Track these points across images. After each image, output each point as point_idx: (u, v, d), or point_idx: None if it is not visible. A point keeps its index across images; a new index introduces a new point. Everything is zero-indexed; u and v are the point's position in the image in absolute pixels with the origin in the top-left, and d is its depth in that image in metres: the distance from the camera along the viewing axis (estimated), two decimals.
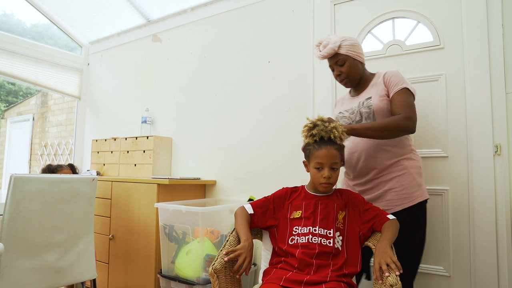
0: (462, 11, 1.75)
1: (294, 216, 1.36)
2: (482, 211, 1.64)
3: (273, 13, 2.36)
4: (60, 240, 1.74)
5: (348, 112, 1.58)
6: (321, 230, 1.29)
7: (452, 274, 1.71)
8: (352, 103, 1.60)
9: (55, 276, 1.71)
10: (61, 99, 5.42)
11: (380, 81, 1.53)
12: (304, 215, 1.35)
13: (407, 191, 1.45)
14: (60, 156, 4.89)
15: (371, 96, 1.52)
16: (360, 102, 1.54)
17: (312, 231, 1.29)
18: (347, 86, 1.61)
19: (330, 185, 1.34)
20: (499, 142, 1.63)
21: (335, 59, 1.54)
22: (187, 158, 2.70)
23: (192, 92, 2.72)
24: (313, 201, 1.37)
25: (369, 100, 1.51)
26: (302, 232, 1.30)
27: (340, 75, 1.56)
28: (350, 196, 1.41)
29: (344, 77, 1.56)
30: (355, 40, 1.55)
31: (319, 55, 1.56)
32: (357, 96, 1.61)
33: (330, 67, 1.59)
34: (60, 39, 3.58)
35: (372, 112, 1.49)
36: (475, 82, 1.69)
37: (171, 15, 2.90)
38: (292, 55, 2.25)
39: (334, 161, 1.32)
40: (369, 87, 1.57)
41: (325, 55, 1.53)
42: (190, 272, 1.91)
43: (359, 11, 2.04)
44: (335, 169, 1.33)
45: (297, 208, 1.38)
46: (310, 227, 1.30)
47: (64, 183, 1.77)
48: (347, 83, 1.59)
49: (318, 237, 1.28)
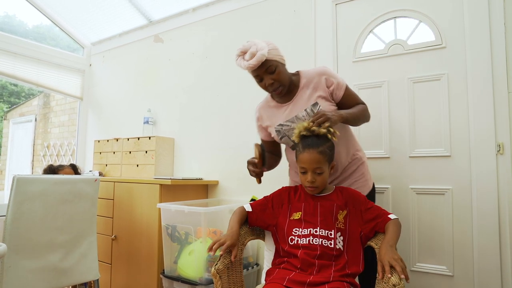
0: (464, 10, 1.74)
1: (294, 217, 1.35)
2: (485, 210, 1.64)
3: (274, 14, 2.36)
4: (63, 240, 1.75)
5: (295, 122, 1.45)
6: (322, 231, 1.28)
7: (455, 274, 1.71)
8: (292, 111, 1.47)
9: (58, 276, 1.71)
10: (63, 100, 5.43)
11: (319, 81, 1.44)
12: (304, 217, 1.33)
13: (365, 178, 1.54)
14: (62, 157, 4.90)
15: (316, 102, 1.43)
16: (307, 110, 1.44)
17: (313, 233, 1.27)
18: (281, 94, 1.47)
19: (316, 188, 1.32)
20: (502, 141, 1.62)
21: (264, 67, 1.38)
22: (189, 159, 2.70)
23: (194, 93, 2.72)
24: (313, 203, 1.35)
25: (318, 106, 1.42)
26: (302, 234, 1.29)
27: (273, 83, 1.41)
28: (351, 194, 1.38)
29: (277, 85, 1.41)
30: (273, 43, 1.43)
31: (246, 66, 1.36)
32: (289, 102, 1.49)
33: (257, 77, 1.42)
34: (62, 40, 3.59)
35: None
36: (477, 81, 1.68)
37: (173, 16, 2.90)
38: (294, 55, 2.25)
39: (317, 166, 1.28)
40: (303, 88, 1.47)
41: (256, 64, 1.35)
42: (192, 273, 1.91)
43: (360, 10, 2.03)
44: (319, 173, 1.29)
45: (296, 210, 1.36)
46: (311, 229, 1.28)
47: (66, 184, 1.77)
48: (282, 91, 1.44)
49: (319, 239, 1.26)
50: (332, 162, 1.34)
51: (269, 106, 1.57)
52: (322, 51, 2.13)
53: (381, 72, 1.94)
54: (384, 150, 1.90)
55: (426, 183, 1.80)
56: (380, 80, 1.94)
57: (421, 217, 1.80)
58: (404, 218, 1.83)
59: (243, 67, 1.38)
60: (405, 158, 1.85)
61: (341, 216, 1.32)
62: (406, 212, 1.83)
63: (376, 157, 1.92)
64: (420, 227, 1.80)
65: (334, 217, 1.31)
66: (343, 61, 2.07)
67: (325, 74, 1.46)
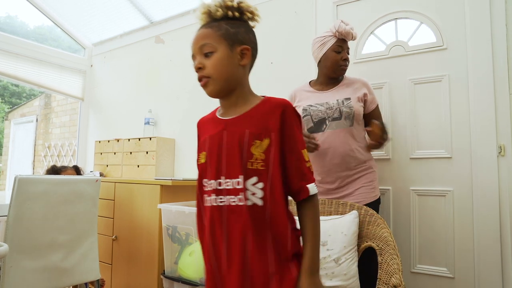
0: (465, 12, 1.74)
1: (201, 160, 0.90)
2: (486, 212, 1.64)
3: (275, 14, 2.37)
4: (64, 240, 1.75)
5: (324, 107, 1.59)
6: (227, 182, 0.83)
7: (456, 276, 1.70)
8: (325, 98, 1.61)
9: (59, 276, 1.71)
10: (64, 101, 5.45)
11: (360, 87, 1.60)
12: (209, 159, 0.87)
13: (373, 186, 1.59)
14: (63, 158, 4.91)
15: (349, 97, 1.57)
16: (339, 100, 1.57)
17: (217, 186, 0.84)
18: (340, 74, 1.64)
19: (208, 81, 0.88)
20: (503, 143, 1.62)
21: (347, 44, 1.60)
22: (190, 159, 2.70)
23: (195, 93, 2.72)
24: (217, 132, 0.88)
25: (349, 101, 1.56)
26: (209, 189, 0.86)
27: (346, 60, 1.60)
28: (286, 113, 0.85)
29: (345, 64, 1.61)
30: None
31: (347, 30, 1.54)
32: (328, 90, 1.63)
33: (339, 47, 1.58)
34: (64, 41, 3.60)
35: (353, 114, 1.55)
36: (479, 83, 1.68)
37: (174, 17, 2.91)
38: (295, 56, 2.25)
39: (203, 42, 0.87)
40: (342, 85, 1.62)
41: (355, 37, 1.58)
42: (193, 273, 1.91)
43: (361, 12, 2.04)
44: (209, 54, 0.86)
45: (202, 147, 0.92)
46: (213, 181, 0.85)
47: (67, 184, 1.78)
48: (343, 70, 1.62)
49: (225, 196, 0.83)
50: (242, 45, 0.89)
51: (305, 91, 1.70)
52: None
53: (382, 74, 1.94)
54: (385, 151, 1.90)
55: (427, 184, 1.80)
56: (381, 82, 1.94)
57: (422, 219, 1.80)
58: (405, 220, 1.83)
59: (341, 29, 1.54)
60: (406, 160, 1.85)
61: (258, 150, 0.82)
62: (407, 213, 1.83)
63: (377, 158, 1.92)
64: (421, 228, 1.80)
65: (244, 151, 0.82)
66: None
67: (367, 86, 1.63)
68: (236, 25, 0.90)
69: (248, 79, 0.96)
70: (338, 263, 1.37)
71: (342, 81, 1.65)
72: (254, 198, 0.81)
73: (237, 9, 0.90)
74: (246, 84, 0.95)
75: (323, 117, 1.58)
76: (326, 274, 1.38)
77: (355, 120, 1.56)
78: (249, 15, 0.92)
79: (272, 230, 0.82)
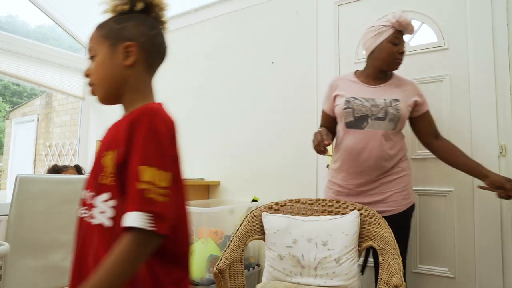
0: (466, 12, 1.74)
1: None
2: (486, 212, 1.64)
3: (276, 14, 2.37)
4: (65, 240, 1.75)
5: (369, 103, 1.47)
6: (88, 194, 0.75)
7: (457, 276, 1.70)
8: (372, 93, 1.50)
9: (60, 276, 1.72)
10: (65, 100, 5.45)
11: (411, 90, 1.50)
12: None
13: (407, 191, 1.50)
14: (64, 157, 4.91)
15: (398, 99, 1.47)
16: (386, 100, 1.47)
17: (83, 197, 0.77)
18: (394, 68, 1.52)
19: (93, 86, 0.82)
20: (504, 143, 1.62)
21: (403, 37, 1.49)
22: (190, 159, 2.70)
23: (196, 93, 2.72)
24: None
25: (398, 103, 1.46)
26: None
27: (402, 53, 1.49)
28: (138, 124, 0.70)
29: (402, 59, 1.50)
30: None
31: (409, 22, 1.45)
32: (375, 86, 1.52)
33: (396, 38, 1.46)
34: (65, 40, 3.60)
35: (398, 118, 1.45)
36: (480, 83, 1.68)
37: (175, 16, 2.91)
38: (296, 56, 2.25)
39: (90, 46, 0.82)
40: (391, 84, 1.52)
41: (412, 29, 1.48)
42: (194, 273, 1.91)
43: (362, 12, 2.03)
44: (92, 59, 0.80)
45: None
46: (85, 189, 0.77)
47: (69, 184, 1.78)
48: (398, 64, 1.50)
49: (83, 208, 0.75)
50: (123, 42, 0.76)
51: (348, 80, 1.58)
52: (324, 51, 2.13)
53: None
54: None
55: (428, 184, 1.79)
56: None
57: (423, 219, 1.80)
58: None
59: (402, 19, 1.43)
60: None
61: (108, 162, 0.70)
62: None
63: None
64: (422, 228, 1.80)
65: (97, 164, 0.74)
66: (345, 62, 2.07)
67: (418, 90, 1.52)
68: (124, 20, 0.78)
69: (144, 81, 0.82)
70: (339, 263, 1.37)
71: (391, 79, 1.54)
72: (102, 216, 0.68)
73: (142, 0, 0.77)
74: (138, 87, 0.80)
75: (366, 114, 1.46)
76: (327, 274, 1.38)
77: (399, 123, 1.47)
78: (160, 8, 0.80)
79: None
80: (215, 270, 1.24)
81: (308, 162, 2.12)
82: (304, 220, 1.52)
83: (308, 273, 1.40)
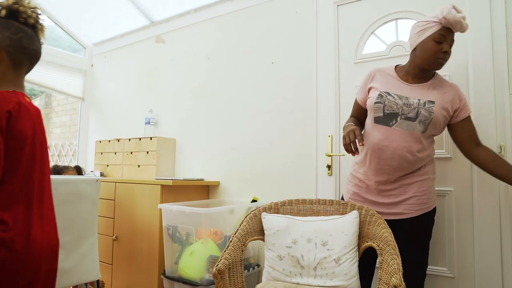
0: (465, 11, 1.74)
1: None
2: (486, 212, 1.64)
3: (276, 14, 2.37)
4: (64, 241, 1.75)
5: (402, 101, 1.41)
6: None
7: (456, 275, 1.70)
8: (407, 92, 1.43)
9: (59, 276, 1.71)
10: (64, 100, 5.44)
11: (450, 94, 1.41)
12: None
13: (427, 196, 1.45)
14: (64, 157, 4.91)
15: (434, 101, 1.39)
16: (421, 101, 1.39)
17: None
18: (436, 68, 1.42)
19: None
20: (503, 143, 1.62)
21: (452, 35, 1.37)
22: (190, 159, 2.71)
23: (196, 93, 2.72)
24: None
25: (432, 105, 1.38)
26: None
27: (446, 53, 1.37)
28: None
29: (446, 58, 1.38)
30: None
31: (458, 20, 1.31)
32: (413, 84, 1.45)
33: (441, 37, 1.35)
34: (64, 40, 3.59)
35: (430, 120, 1.37)
36: (479, 83, 1.68)
37: (175, 17, 2.91)
38: (296, 56, 2.26)
39: None
40: (430, 85, 1.44)
41: (465, 28, 1.34)
42: (193, 273, 1.91)
43: (362, 12, 2.04)
44: None
45: None
46: None
47: (68, 184, 1.78)
48: (441, 65, 1.40)
49: None
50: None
51: (388, 74, 1.51)
52: (323, 51, 2.13)
53: None
54: None
55: None
56: None
57: None
58: None
59: (449, 16, 1.31)
60: None
61: None
62: None
63: None
64: None
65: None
66: (344, 62, 2.07)
67: (459, 94, 1.42)
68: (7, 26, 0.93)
69: (4, 75, 0.95)
70: (339, 263, 1.37)
71: (432, 79, 1.45)
72: None
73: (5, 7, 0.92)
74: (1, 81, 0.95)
75: (396, 111, 1.40)
76: (326, 274, 1.38)
77: (430, 126, 1.38)
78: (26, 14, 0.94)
79: None
80: (214, 271, 1.24)
81: (308, 162, 2.12)
82: (304, 220, 1.52)
83: (307, 273, 1.40)
